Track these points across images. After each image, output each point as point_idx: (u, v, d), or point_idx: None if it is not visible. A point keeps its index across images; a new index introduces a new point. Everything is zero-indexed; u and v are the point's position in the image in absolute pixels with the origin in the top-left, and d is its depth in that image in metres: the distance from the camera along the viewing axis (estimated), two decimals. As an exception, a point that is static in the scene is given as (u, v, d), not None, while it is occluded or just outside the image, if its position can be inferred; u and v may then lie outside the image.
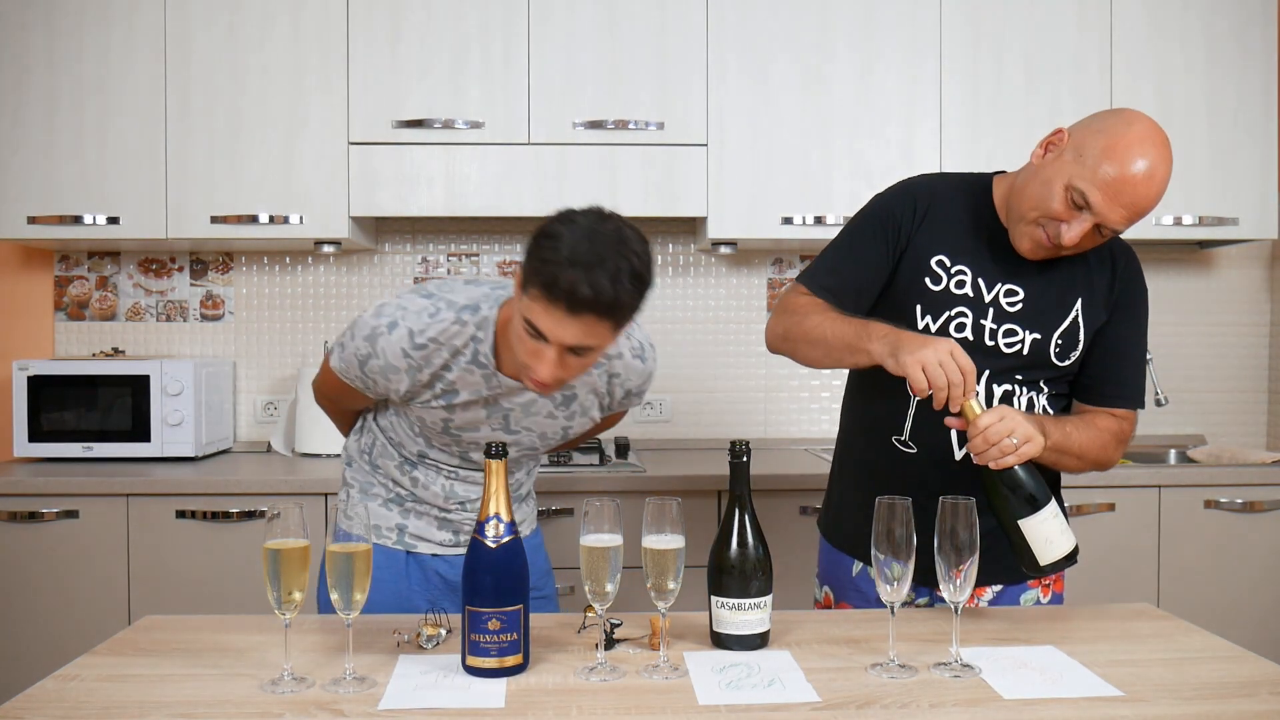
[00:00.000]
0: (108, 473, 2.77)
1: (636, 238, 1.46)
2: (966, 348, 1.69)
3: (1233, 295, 3.49)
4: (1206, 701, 1.29)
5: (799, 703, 1.28)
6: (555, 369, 1.50)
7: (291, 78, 2.92)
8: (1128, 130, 1.57)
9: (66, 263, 3.31)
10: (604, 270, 1.40)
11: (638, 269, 1.44)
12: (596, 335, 1.46)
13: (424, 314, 1.63)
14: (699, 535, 1.87)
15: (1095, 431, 1.70)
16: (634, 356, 1.73)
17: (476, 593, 1.36)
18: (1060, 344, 1.72)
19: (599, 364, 1.71)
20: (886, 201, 1.79)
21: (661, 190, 2.96)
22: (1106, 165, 1.56)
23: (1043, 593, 1.81)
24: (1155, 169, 1.56)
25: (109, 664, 1.42)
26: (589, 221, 1.45)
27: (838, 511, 1.90)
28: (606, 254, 1.41)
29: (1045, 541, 1.52)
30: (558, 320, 1.43)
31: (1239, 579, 2.87)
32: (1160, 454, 3.32)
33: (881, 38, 3.00)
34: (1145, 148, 1.56)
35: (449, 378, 1.66)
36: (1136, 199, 1.57)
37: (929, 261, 1.73)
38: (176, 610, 2.64)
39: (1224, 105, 3.06)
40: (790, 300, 1.77)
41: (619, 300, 1.42)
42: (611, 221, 1.46)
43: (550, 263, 1.41)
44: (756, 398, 3.41)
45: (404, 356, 1.63)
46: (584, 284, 1.40)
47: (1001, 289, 1.71)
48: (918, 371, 1.49)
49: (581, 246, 1.41)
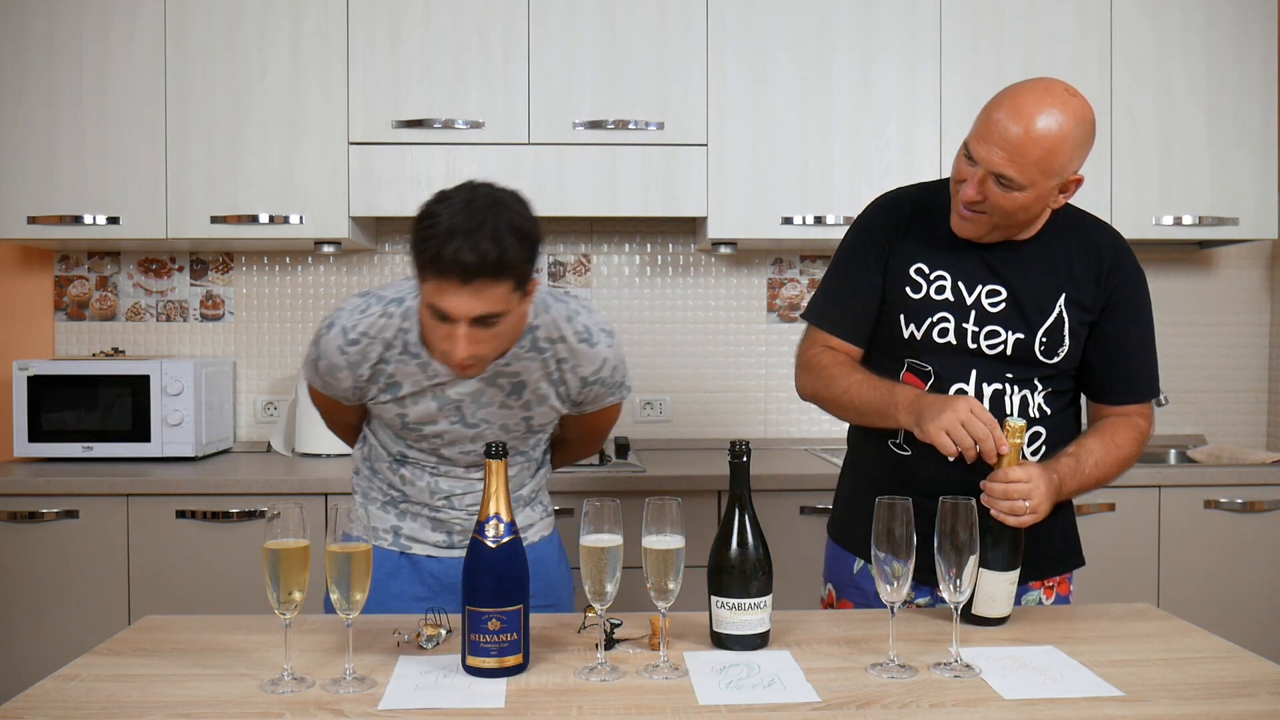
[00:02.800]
0: (108, 473, 2.77)
1: (513, 198, 1.53)
2: (951, 352, 1.71)
3: (1233, 295, 3.49)
4: (1206, 701, 1.29)
5: (799, 703, 1.28)
6: (468, 346, 1.54)
7: (291, 78, 2.93)
8: (1017, 86, 1.61)
9: (66, 263, 3.31)
10: (484, 233, 1.45)
11: (518, 224, 1.49)
12: (497, 299, 1.50)
13: (356, 311, 1.70)
14: (699, 535, 1.87)
15: (1115, 450, 1.73)
16: (579, 341, 1.73)
17: (476, 593, 1.36)
18: (1045, 341, 1.71)
19: (542, 349, 1.71)
20: (866, 221, 1.83)
21: (661, 190, 2.96)
22: (984, 114, 1.61)
23: (1045, 594, 1.81)
24: (1031, 108, 1.56)
25: (109, 664, 1.42)
26: (463, 194, 1.50)
27: (843, 510, 1.91)
28: (485, 217, 1.46)
29: (989, 598, 1.58)
30: (455, 294, 1.48)
31: (1239, 579, 2.87)
32: (1160, 454, 3.32)
33: (881, 38, 3.00)
34: (1023, 92, 1.59)
35: (388, 371, 1.70)
36: (1010, 138, 1.56)
37: (909, 270, 1.75)
38: (176, 610, 2.64)
39: (1224, 105, 3.06)
40: (813, 357, 1.83)
41: (505, 257, 1.47)
42: (485, 188, 1.52)
43: (432, 239, 1.46)
44: (756, 398, 3.41)
45: (341, 353, 1.69)
46: (468, 250, 1.44)
47: (983, 290, 1.72)
48: (942, 437, 1.56)
49: (459, 218, 1.46)
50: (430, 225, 1.48)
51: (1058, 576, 1.82)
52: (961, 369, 1.71)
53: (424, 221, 1.49)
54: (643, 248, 3.39)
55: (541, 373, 1.74)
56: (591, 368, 1.76)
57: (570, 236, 3.37)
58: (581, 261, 3.38)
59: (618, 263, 3.39)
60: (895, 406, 1.66)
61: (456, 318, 1.51)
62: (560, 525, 2.72)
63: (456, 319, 1.51)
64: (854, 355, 1.81)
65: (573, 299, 1.77)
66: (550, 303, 1.74)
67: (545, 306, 1.72)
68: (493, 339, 1.57)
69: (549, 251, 3.37)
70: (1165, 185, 3.05)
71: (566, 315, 1.73)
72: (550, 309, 1.72)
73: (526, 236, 1.51)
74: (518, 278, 1.52)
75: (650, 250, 3.40)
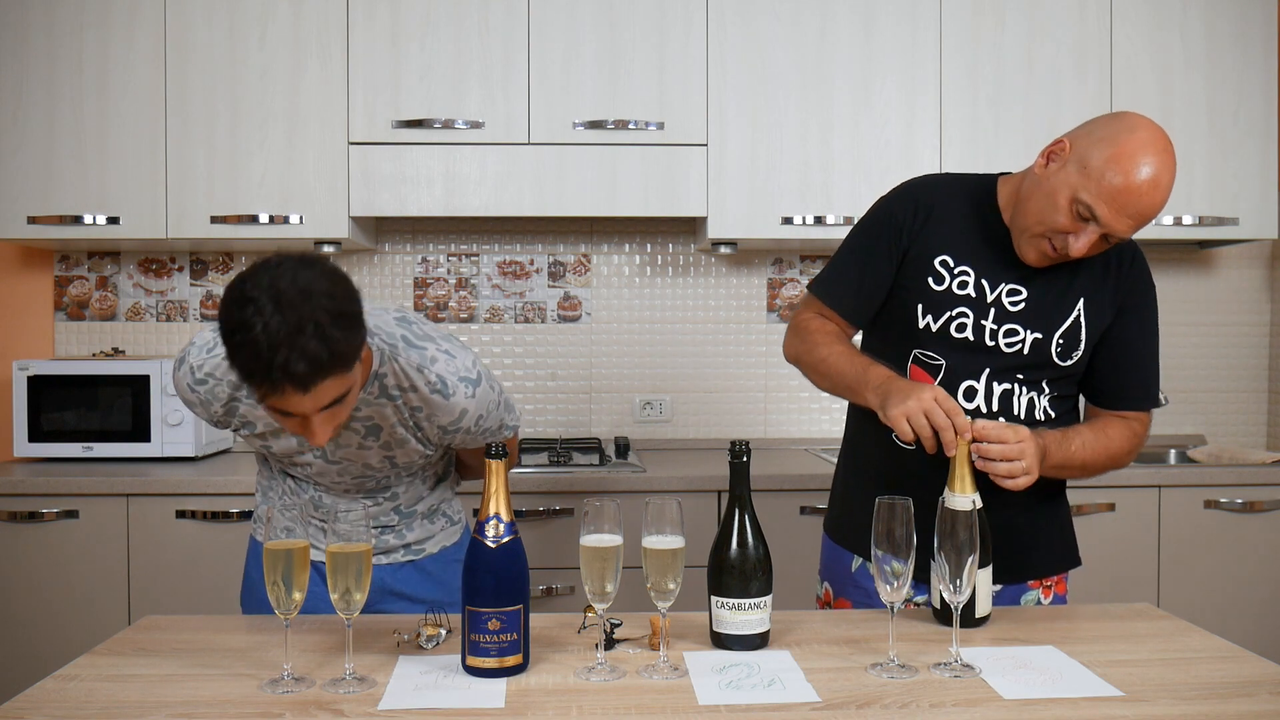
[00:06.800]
0: (108, 473, 2.77)
1: (321, 274, 1.36)
2: (967, 347, 1.70)
3: (1233, 295, 3.49)
4: (1206, 701, 1.29)
5: (799, 703, 1.28)
6: (323, 430, 1.44)
7: (291, 77, 2.93)
8: (1130, 138, 1.55)
9: (66, 263, 3.31)
10: (307, 334, 1.30)
11: (337, 310, 1.34)
12: (338, 387, 1.38)
13: (204, 349, 1.60)
14: (699, 535, 1.87)
15: (1105, 441, 1.72)
16: (433, 392, 1.60)
17: (476, 593, 1.36)
18: (1062, 344, 1.71)
19: (393, 395, 1.62)
20: (889, 204, 1.81)
21: (661, 190, 2.96)
22: (1111, 176, 1.55)
23: (1043, 594, 1.81)
24: (1160, 176, 1.55)
25: (109, 664, 1.42)
26: (267, 292, 1.32)
27: (840, 508, 1.91)
28: (301, 314, 1.31)
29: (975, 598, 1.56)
30: (294, 399, 1.35)
31: (1239, 579, 2.87)
32: (1160, 454, 3.32)
33: (882, 38, 3.00)
34: (1149, 155, 1.54)
35: (240, 410, 1.64)
36: (1142, 208, 1.56)
37: (933, 262, 1.74)
38: (176, 610, 2.64)
39: (1224, 105, 3.06)
40: (804, 321, 1.83)
41: (335, 352, 1.33)
42: (287, 273, 1.33)
43: (255, 355, 1.31)
44: (756, 398, 3.41)
45: (191, 390, 1.62)
46: (296, 359, 1.30)
47: (1004, 289, 1.72)
48: (902, 424, 1.55)
49: (273, 321, 1.30)
50: (245, 337, 1.30)
51: (1055, 576, 1.82)
52: (975, 366, 1.71)
53: (236, 333, 1.31)
54: (642, 248, 3.39)
55: (396, 418, 1.65)
56: (448, 418, 1.64)
57: (570, 236, 3.37)
58: (581, 261, 3.38)
59: (618, 263, 3.39)
60: (865, 385, 1.66)
61: (305, 414, 1.40)
62: (560, 525, 2.75)
63: (305, 414, 1.41)
64: (847, 331, 1.82)
65: (432, 343, 1.62)
66: (401, 349, 1.59)
67: (394, 353, 1.59)
68: (346, 411, 1.47)
69: (549, 251, 3.37)
70: (1165, 185, 3.05)
71: (419, 364, 1.59)
72: (400, 356, 1.59)
73: (348, 316, 1.36)
74: (351, 363, 1.39)
75: (650, 250, 3.40)
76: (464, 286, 3.36)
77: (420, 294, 3.35)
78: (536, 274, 3.37)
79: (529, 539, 2.51)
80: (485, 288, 3.36)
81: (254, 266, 1.36)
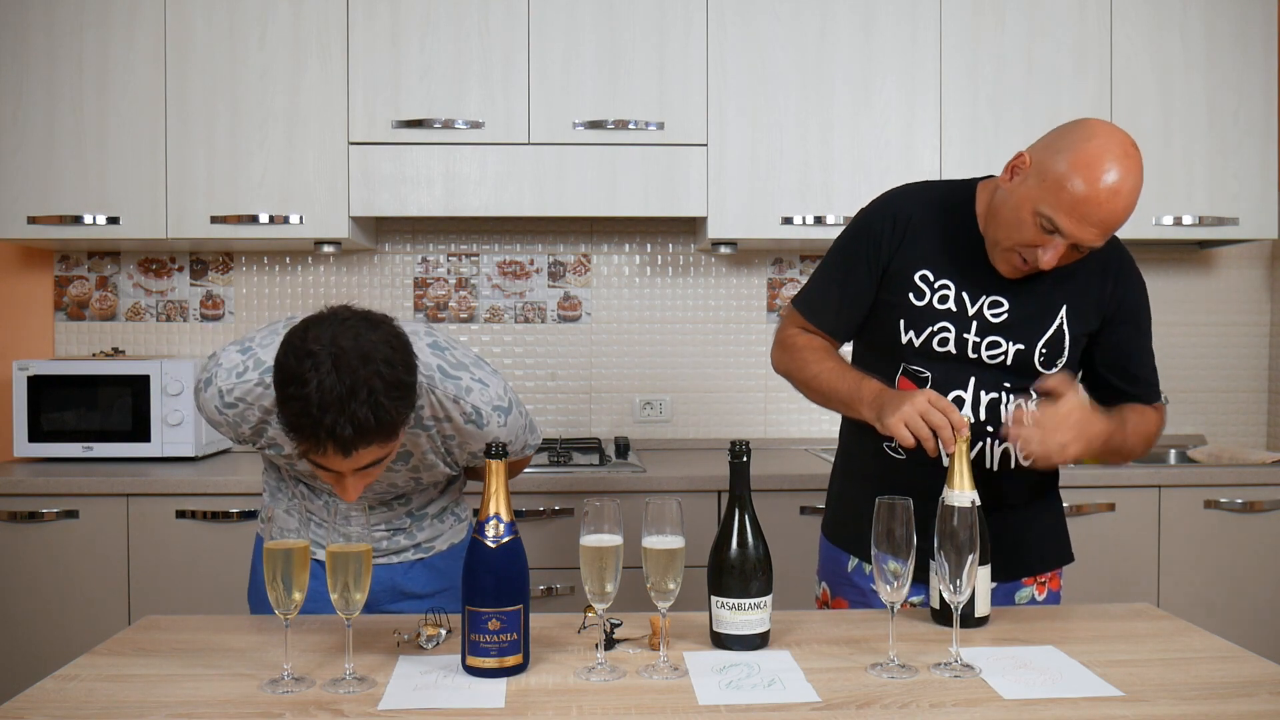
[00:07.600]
0: (108, 473, 2.77)
1: (383, 340, 1.37)
2: (950, 360, 1.71)
3: (1233, 295, 3.49)
4: (1206, 701, 1.29)
5: (799, 703, 1.28)
6: (356, 488, 1.45)
7: (291, 78, 2.93)
8: (1087, 146, 1.52)
9: (66, 263, 3.31)
10: (359, 400, 1.32)
11: (392, 378, 1.36)
12: (381, 450, 1.40)
13: (232, 373, 1.58)
14: (699, 535, 1.87)
15: (1142, 422, 1.75)
16: (467, 422, 1.62)
17: (476, 593, 1.36)
18: (1045, 353, 1.71)
19: (427, 425, 1.63)
20: (868, 219, 1.80)
21: (661, 190, 2.96)
22: (1070, 186, 1.52)
23: (1038, 590, 1.82)
24: (1121, 182, 1.51)
25: (109, 664, 1.42)
26: (327, 349, 1.33)
27: (836, 508, 1.91)
28: (357, 379, 1.32)
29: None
30: (337, 461, 1.38)
31: (1239, 579, 2.87)
32: (1160, 454, 3.32)
33: (882, 38, 3.00)
34: (1106, 162, 1.51)
35: (269, 433, 1.63)
36: (1104, 216, 1.53)
37: (912, 277, 1.73)
38: (176, 610, 2.64)
39: (1224, 105, 3.06)
40: (790, 337, 1.84)
41: (383, 422, 1.35)
42: (349, 333, 1.35)
43: (304, 412, 1.32)
44: (756, 398, 3.41)
45: (219, 413, 1.61)
46: (344, 424, 1.32)
47: (986, 301, 1.71)
48: (900, 429, 1.56)
49: (328, 381, 1.31)
50: (299, 391, 1.32)
51: (1049, 573, 1.84)
52: (961, 377, 1.71)
53: (290, 385, 1.33)
54: (642, 248, 3.39)
55: (428, 445, 1.67)
56: (480, 445, 1.66)
57: (570, 236, 3.37)
58: (581, 261, 3.38)
59: (618, 263, 3.39)
60: (860, 401, 1.67)
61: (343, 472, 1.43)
62: (560, 525, 2.75)
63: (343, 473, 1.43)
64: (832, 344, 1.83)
65: (467, 372, 1.62)
66: (438, 380, 1.59)
67: (431, 384, 1.59)
68: (381, 468, 1.48)
69: (549, 251, 3.37)
70: (1165, 185, 3.05)
71: (455, 395, 1.59)
72: (436, 388, 1.59)
73: (403, 387, 1.38)
74: (400, 429, 1.41)
75: (650, 250, 3.40)
76: (464, 286, 3.36)
77: (420, 294, 3.35)
78: (536, 274, 3.37)
79: (529, 539, 2.51)
80: (485, 288, 3.36)
81: (320, 316, 1.38)
